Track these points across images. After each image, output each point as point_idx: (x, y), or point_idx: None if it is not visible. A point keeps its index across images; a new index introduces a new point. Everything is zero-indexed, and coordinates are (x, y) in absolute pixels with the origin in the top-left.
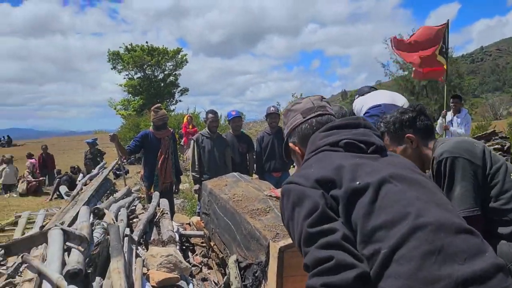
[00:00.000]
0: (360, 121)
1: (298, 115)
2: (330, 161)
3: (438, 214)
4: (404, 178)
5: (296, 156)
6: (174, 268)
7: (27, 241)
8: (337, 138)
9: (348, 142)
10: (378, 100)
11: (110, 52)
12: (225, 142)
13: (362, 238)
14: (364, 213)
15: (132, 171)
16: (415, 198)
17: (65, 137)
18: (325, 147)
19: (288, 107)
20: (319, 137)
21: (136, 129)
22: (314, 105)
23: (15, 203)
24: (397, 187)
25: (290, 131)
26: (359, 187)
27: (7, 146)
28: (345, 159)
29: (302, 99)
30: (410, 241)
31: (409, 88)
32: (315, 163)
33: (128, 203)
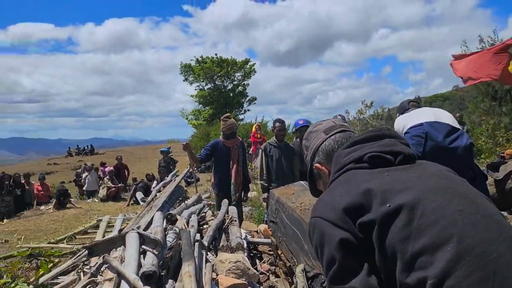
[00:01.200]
0: (384, 132)
1: (320, 134)
2: (356, 183)
3: (485, 230)
4: (441, 190)
5: (322, 177)
6: (242, 274)
7: (107, 243)
8: (361, 153)
9: (373, 155)
10: (419, 118)
11: (182, 65)
12: (292, 150)
13: (403, 266)
14: (401, 238)
15: (202, 179)
16: (457, 214)
17: (141, 146)
18: (350, 165)
19: (309, 130)
20: (343, 154)
21: (206, 138)
22: (335, 123)
23: (97, 208)
24: (434, 203)
25: (314, 151)
26: (390, 210)
27: (90, 155)
28: (372, 178)
29: (323, 121)
30: (458, 269)
31: (491, 93)
32: (340, 185)
33: (199, 210)
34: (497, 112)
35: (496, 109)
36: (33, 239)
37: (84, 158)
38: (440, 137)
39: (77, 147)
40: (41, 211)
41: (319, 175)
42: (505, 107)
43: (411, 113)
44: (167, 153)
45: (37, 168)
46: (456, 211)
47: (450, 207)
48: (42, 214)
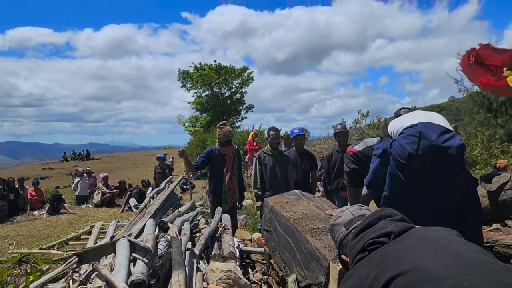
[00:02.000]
0: (380, 214)
1: (342, 228)
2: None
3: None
4: (437, 256)
5: (349, 266)
6: (233, 284)
7: (97, 251)
8: (363, 243)
9: (369, 243)
10: (413, 120)
11: (180, 71)
12: (286, 159)
13: None
14: None
15: (198, 186)
16: (454, 271)
17: (137, 151)
18: (358, 256)
19: (331, 222)
20: (351, 247)
21: (203, 145)
22: (354, 215)
23: (91, 214)
24: (430, 263)
25: (339, 244)
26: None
27: (85, 160)
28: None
29: (342, 212)
30: None
31: (486, 104)
32: (349, 278)
33: (192, 217)
34: (492, 123)
35: (492, 120)
36: (24, 244)
37: (79, 163)
38: (434, 136)
39: (73, 152)
40: (34, 216)
41: (346, 263)
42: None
43: (404, 116)
44: (163, 159)
45: (32, 173)
46: (453, 267)
47: (446, 268)
48: (35, 220)
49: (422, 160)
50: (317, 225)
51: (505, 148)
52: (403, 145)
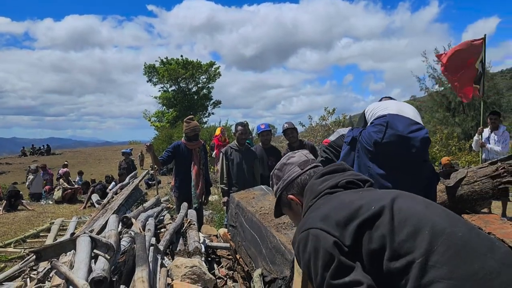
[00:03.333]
0: (345, 166)
1: (295, 167)
2: (339, 199)
3: (447, 218)
4: (407, 196)
5: (293, 208)
6: (198, 279)
7: (57, 248)
8: (336, 180)
9: (349, 181)
10: (385, 111)
11: (146, 66)
12: (253, 155)
13: (391, 253)
14: (389, 230)
15: (164, 182)
16: (425, 209)
17: (101, 147)
18: (326, 190)
19: (283, 161)
20: (317, 183)
21: (169, 141)
22: (308, 158)
23: (51, 210)
24: (405, 204)
25: (288, 183)
26: (376, 211)
27: (46, 155)
28: (351, 195)
29: (294, 153)
30: (437, 246)
31: (445, 104)
32: (323, 205)
33: (157, 213)
34: (451, 122)
35: (450, 119)
36: None
37: (39, 158)
38: (400, 127)
39: (32, 147)
40: None
41: (290, 204)
42: (457, 118)
43: (380, 103)
44: (129, 154)
45: None
46: (423, 207)
47: (418, 206)
48: None
49: (387, 149)
50: (283, 220)
51: (462, 146)
52: (371, 133)
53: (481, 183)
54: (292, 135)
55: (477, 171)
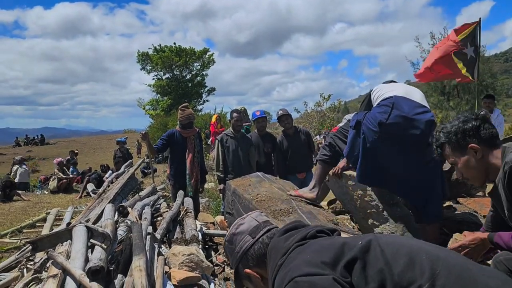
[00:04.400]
0: (304, 223)
1: (246, 237)
2: (317, 244)
3: (435, 248)
4: (387, 234)
5: (253, 281)
6: (195, 267)
7: (53, 238)
8: (303, 233)
9: (320, 230)
10: (392, 92)
11: (140, 53)
12: (249, 142)
13: (395, 286)
14: (384, 264)
15: (159, 170)
16: (411, 240)
17: (95, 136)
18: (295, 244)
19: (231, 231)
20: (282, 240)
21: (164, 129)
22: (258, 221)
23: (46, 200)
24: (390, 238)
25: (241, 255)
26: (364, 245)
27: (40, 145)
28: (327, 239)
29: (243, 219)
30: (439, 269)
31: (440, 87)
32: (299, 254)
33: (153, 202)
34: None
35: (444, 103)
36: None
37: (33, 148)
38: (406, 108)
39: (26, 137)
40: None
41: (249, 278)
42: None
43: (387, 85)
44: (124, 143)
45: None
46: (408, 239)
47: (403, 239)
48: None
49: (391, 129)
50: (280, 207)
51: None
52: (376, 114)
53: None
54: (287, 122)
55: None
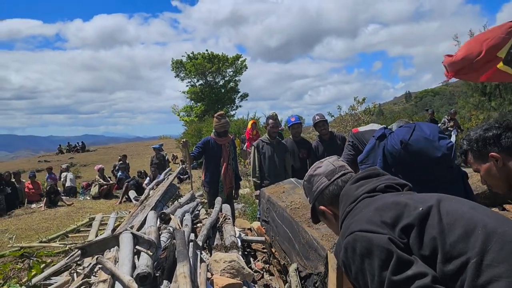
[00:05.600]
0: (379, 171)
1: (323, 178)
2: (382, 201)
3: (496, 218)
4: (452, 198)
5: (328, 217)
6: (237, 274)
7: (101, 244)
8: (373, 185)
9: (388, 185)
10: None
11: (174, 61)
12: (285, 147)
13: (444, 256)
14: (439, 232)
15: (195, 176)
16: (472, 210)
17: (132, 142)
18: (364, 195)
19: (310, 173)
20: (353, 188)
21: (198, 135)
22: (335, 166)
23: (89, 206)
24: (452, 206)
25: (317, 194)
26: (423, 212)
27: (81, 152)
28: (393, 197)
29: (321, 162)
30: (492, 245)
31: (480, 88)
32: (365, 207)
33: (192, 208)
34: (486, 107)
35: (486, 104)
36: (24, 238)
37: (75, 155)
38: (428, 131)
39: (68, 144)
40: (32, 209)
41: (324, 214)
42: (494, 102)
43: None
44: (159, 149)
45: (28, 166)
46: (470, 208)
47: (464, 207)
48: (33, 213)
49: (412, 148)
50: None
51: None
52: (398, 133)
53: None
54: (324, 128)
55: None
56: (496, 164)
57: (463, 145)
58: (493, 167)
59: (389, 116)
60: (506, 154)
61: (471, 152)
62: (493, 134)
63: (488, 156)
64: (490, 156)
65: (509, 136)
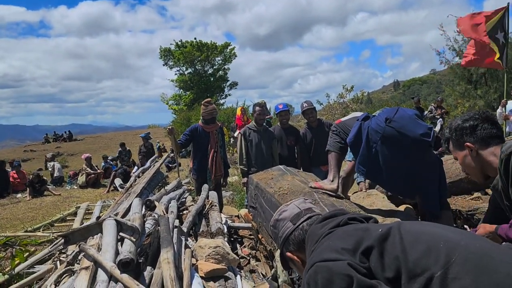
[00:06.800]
0: (346, 211)
1: (288, 223)
2: (342, 231)
3: (460, 234)
4: (413, 222)
5: (295, 264)
6: (222, 259)
7: (84, 231)
8: (337, 221)
9: (351, 218)
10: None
11: (162, 49)
12: (272, 135)
13: (408, 274)
14: (400, 251)
15: (183, 164)
16: (432, 227)
17: (121, 131)
18: (328, 230)
19: (275, 217)
20: (318, 228)
21: (187, 123)
22: (300, 209)
23: (76, 195)
24: (413, 226)
25: (283, 240)
26: (383, 232)
27: (68, 141)
28: (354, 226)
29: (287, 205)
30: (455, 257)
31: (467, 76)
32: (326, 241)
33: (179, 195)
34: (472, 95)
35: (472, 92)
36: (9, 227)
37: (62, 144)
38: (410, 112)
39: (55, 133)
40: (18, 199)
41: (292, 261)
42: (480, 90)
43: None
44: (147, 138)
45: (13, 155)
46: (432, 226)
47: (426, 226)
48: (18, 202)
49: (397, 125)
50: None
51: None
52: (383, 113)
53: None
54: (312, 115)
55: None
56: (470, 154)
57: (446, 133)
58: (468, 156)
59: (378, 105)
60: (480, 144)
61: (451, 140)
62: (469, 124)
63: (464, 146)
64: (466, 146)
65: (485, 127)
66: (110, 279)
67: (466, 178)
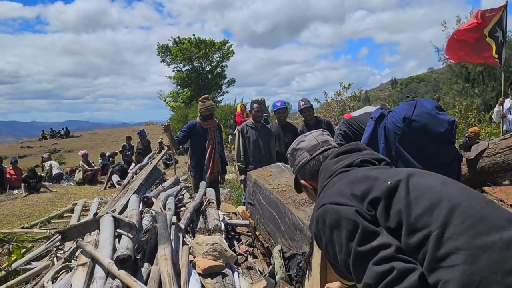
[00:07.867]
0: (361, 146)
1: (304, 153)
2: (354, 175)
3: (465, 192)
4: (422, 173)
5: (308, 191)
6: (219, 256)
7: (81, 227)
8: (350, 160)
9: (364, 160)
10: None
11: (159, 46)
12: (269, 132)
13: (408, 228)
14: (405, 205)
15: (181, 161)
16: (441, 184)
17: (117, 128)
18: (341, 169)
19: (293, 146)
20: (332, 163)
21: (184, 120)
22: (318, 141)
23: (73, 191)
24: (421, 180)
25: (298, 169)
26: (392, 185)
27: (65, 138)
28: (365, 171)
29: (305, 136)
30: (454, 218)
31: (464, 74)
32: (338, 181)
33: (176, 192)
34: (470, 93)
35: (469, 90)
36: (6, 224)
37: (59, 141)
38: (429, 106)
39: (51, 130)
40: (14, 195)
41: (305, 187)
42: (477, 89)
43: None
44: (143, 135)
45: (10, 152)
46: (439, 183)
47: (434, 181)
48: (15, 199)
49: (415, 124)
50: (300, 196)
51: (482, 117)
52: (400, 110)
53: (503, 155)
54: (309, 113)
55: (499, 142)
56: None
57: None
58: None
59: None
60: None
61: None
62: None
63: None
64: None
65: None
66: (108, 276)
67: (464, 176)
